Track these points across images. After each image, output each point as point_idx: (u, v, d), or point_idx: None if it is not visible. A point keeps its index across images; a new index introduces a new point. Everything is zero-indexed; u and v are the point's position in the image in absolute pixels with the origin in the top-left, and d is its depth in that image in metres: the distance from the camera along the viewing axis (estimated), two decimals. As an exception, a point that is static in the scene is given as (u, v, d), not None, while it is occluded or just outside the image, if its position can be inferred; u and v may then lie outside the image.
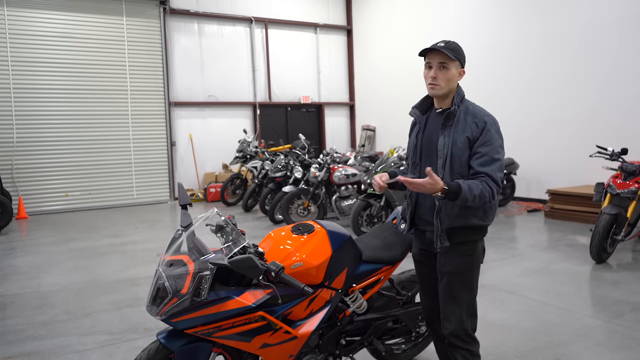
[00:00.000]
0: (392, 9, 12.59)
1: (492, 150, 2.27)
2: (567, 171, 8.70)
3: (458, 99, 2.39)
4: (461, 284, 2.36)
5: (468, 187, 2.18)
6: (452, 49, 2.33)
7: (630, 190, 5.35)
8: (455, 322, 2.36)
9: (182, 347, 2.16)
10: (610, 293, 4.46)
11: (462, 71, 2.39)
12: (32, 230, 8.37)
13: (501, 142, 2.34)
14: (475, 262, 2.39)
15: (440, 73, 2.34)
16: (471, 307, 2.40)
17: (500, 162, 2.28)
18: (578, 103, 8.51)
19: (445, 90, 2.36)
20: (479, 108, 2.40)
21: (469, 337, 2.38)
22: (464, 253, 2.35)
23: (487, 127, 2.30)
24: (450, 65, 2.33)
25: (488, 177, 2.23)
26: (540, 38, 9.04)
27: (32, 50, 10.03)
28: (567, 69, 8.64)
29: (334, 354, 2.65)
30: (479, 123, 2.31)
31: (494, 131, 2.31)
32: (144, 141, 11.25)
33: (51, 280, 5.37)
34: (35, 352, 3.56)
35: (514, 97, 9.62)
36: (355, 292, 2.65)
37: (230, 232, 2.31)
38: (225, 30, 12.29)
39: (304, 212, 7.75)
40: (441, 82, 2.34)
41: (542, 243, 6.40)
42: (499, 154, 2.29)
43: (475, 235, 2.37)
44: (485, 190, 2.21)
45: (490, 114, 2.37)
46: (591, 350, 3.35)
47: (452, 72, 2.34)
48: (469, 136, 2.30)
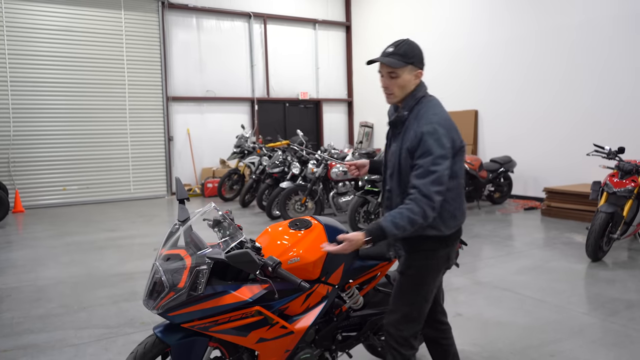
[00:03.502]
0: (391, 5, 12.58)
1: (428, 162, 2.10)
2: (564, 169, 8.73)
3: (411, 102, 2.26)
4: (408, 286, 2.30)
5: (391, 222, 2.07)
6: (401, 54, 2.20)
7: (626, 189, 5.37)
8: (392, 321, 2.31)
9: (179, 341, 2.16)
10: (606, 291, 4.49)
11: (418, 73, 2.25)
12: (29, 224, 8.36)
13: (443, 152, 2.11)
14: (429, 268, 2.28)
15: (390, 82, 2.24)
16: (413, 312, 2.29)
17: (437, 175, 2.09)
18: (575, 101, 8.52)
19: (400, 97, 2.27)
20: (429, 112, 2.21)
21: (403, 340, 2.29)
22: (418, 257, 2.28)
23: (423, 137, 2.13)
24: (399, 72, 2.21)
25: (419, 192, 2.08)
26: (537, 36, 9.05)
27: (29, 43, 9.99)
28: (564, 67, 8.65)
29: (330, 349, 2.66)
30: (417, 132, 2.16)
31: (432, 141, 2.11)
32: (141, 136, 11.23)
33: (48, 273, 5.37)
34: (31, 345, 3.56)
35: (511, 95, 9.63)
36: (352, 288, 2.65)
37: (228, 227, 2.31)
38: (223, 25, 12.26)
39: (301, 208, 7.75)
40: (394, 90, 2.25)
41: (539, 241, 6.43)
42: (438, 165, 2.09)
43: (433, 245, 2.26)
44: (414, 213, 2.07)
45: (434, 120, 2.16)
46: (586, 347, 3.37)
47: (403, 78, 2.22)
48: (409, 146, 2.18)
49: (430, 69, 11.43)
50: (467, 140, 10.49)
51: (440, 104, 2.31)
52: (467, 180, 8.56)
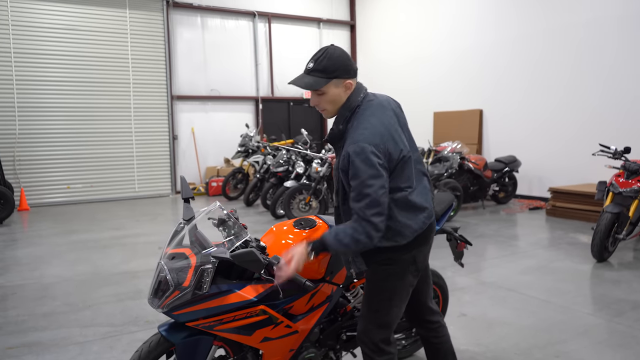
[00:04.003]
0: (395, 4, 12.55)
1: (359, 185, 1.98)
2: (569, 169, 8.69)
3: (346, 114, 2.13)
4: (372, 293, 2.23)
5: (334, 237, 2.01)
6: (321, 70, 2.06)
7: (632, 189, 5.34)
8: (362, 328, 2.25)
9: (183, 339, 2.16)
10: (611, 291, 4.46)
11: (347, 83, 2.11)
12: (33, 222, 8.39)
13: (372, 172, 1.98)
14: (390, 273, 2.19)
15: (318, 100, 2.13)
16: (380, 318, 2.22)
17: (371, 198, 1.97)
18: (581, 101, 8.48)
19: (334, 112, 2.16)
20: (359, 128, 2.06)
21: (374, 346, 2.22)
22: (381, 264, 2.21)
23: (351, 157, 2.00)
24: (325, 89, 2.09)
25: (358, 215, 1.99)
26: (543, 35, 9.01)
27: (34, 41, 10.03)
28: (570, 67, 8.61)
29: (334, 349, 2.66)
30: (344, 153, 2.04)
31: (359, 161, 1.98)
32: (146, 134, 11.26)
33: (53, 271, 5.39)
34: (36, 343, 3.57)
35: (516, 94, 9.60)
36: (357, 287, 2.65)
37: (233, 226, 2.31)
38: (228, 24, 12.26)
39: (306, 207, 7.75)
40: (325, 107, 2.14)
41: (543, 241, 6.40)
42: (369, 187, 1.97)
43: (394, 254, 2.18)
44: (358, 232, 1.98)
45: (360, 139, 2.01)
46: (591, 348, 3.35)
47: (331, 94, 2.10)
48: (342, 169, 2.07)
49: (435, 68, 11.42)
50: (471, 140, 10.47)
51: (380, 106, 2.16)
52: (472, 180, 8.54)
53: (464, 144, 8.95)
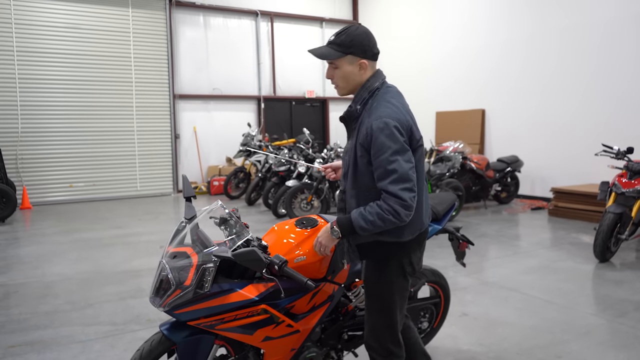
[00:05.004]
0: (398, 3, 12.53)
1: (383, 160, 1.96)
2: (572, 169, 8.67)
3: (364, 95, 2.12)
4: (372, 296, 2.22)
5: (360, 215, 1.99)
6: (338, 44, 2.07)
7: (635, 189, 5.33)
8: (368, 331, 2.26)
9: (185, 338, 2.16)
10: (614, 292, 4.45)
11: (362, 63, 2.09)
12: (36, 221, 8.41)
13: (397, 147, 1.95)
14: (389, 276, 2.17)
15: (333, 73, 2.14)
16: (385, 319, 2.21)
17: (398, 173, 1.94)
18: (583, 101, 8.46)
19: (349, 89, 2.15)
20: (380, 106, 2.05)
21: (383, 349, 2.22)
22: (376, 265, 2.19)
23: (374, 133, 1.98)
24: (339, 63, 2.10)
25: (386, 192, 1.96)
26: (558, 35, 8.98)
27: (37, 40, 10.04)
28: (572, 67, 8.58)
29: (335, 348, 2.65)
30: (367, 129, 2.01)
31: (384, 137, 1.96)
32: (148, 133, 11.27)
33: (55, 270, 5.39)
34: (38, 341, 3.58)
35: (519, 94, 9.58)
36: (358, 287, 2.65)
37: (234, 225, 2.31)
38: (230, 23, 12.26)
39: (307, 207, 7.75)
40: (338, 82, 2.14)
41: (546, 241, 6.39)
42: (394, 162, 1.94)
43: (391, 252, 2.14)
44: (384, 210, 1.95)
45: (384, 115, 2.00)
46: (594, 348, 3.34)
47: (344, 70, 2.10)
48: (362, 144, 2.04)
49: (438, 68, 11.40)
50: (473, 140, 10.45)
51: (398, 93, 2.15)
52: (474, 179, 8.53)
53: (466, 144, 8.94)
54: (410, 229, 2.11)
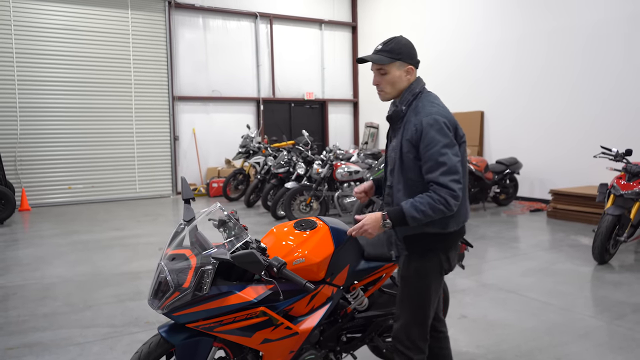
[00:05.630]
0: (397, 6, 12.56)
1: (434, 153, 2.09)
2: (571, 171, 8.68)
3: (409, 97, 2.25)
4: (410, 290, 2.28)
5: (411, 205, 2.08)
6: (388, 51, 2.22)
7: (634, 191, 5.33)
8: (400, 326, 2.31)
9: (183, 341, 2.16)
10: (612, 294, 4.45)
11: (409, 69, 2.25)
12: (34, 222, 8.40)
13: (447, 141, 2.10)
14: (428, 271, 2.26)
15: (381, 79, 2.26)
16: (418, 315, 2.28)
17: (448, 165, 2.07)
18: (583, 103, 8.47)
19: (394, 94, 2.28)
20: (427, 105, 2.20)
21: (412, 344, 2.29)
22: (417, 260, 2.26)
23: (424, 128, 2.11)
24: (388, 68, 2.23)
25: (435, 184, 2.08)
26: (546, 38, 9.00)
27: (36, 42, 10.05)
28: (573, 69, 8.60)
29: (334, 351, 2.65)
30: (417, 124, 2.14)
31: (434, 132, 2.10)
32: (147, 135, 11.27)
33: (53, 272, 5.39)
34: (36, 343, 3.57)
35: (517, 96, 9.59)
36: (357, 289, 2.64)
37: (233, 227, 2.31)
38: (230, 25, 12.28)
39: (306, 209, 7.75)
40: (385, 87, 2.26)
41: (544, 243, 6.39)
42: (444, 155, 2.08)
43: (435, 244, 2.24)
44: (435, 200, 2.06)
45: (433, 112, 2.15)
46: (592, 350, 3.34)
47: (393, 75, 2.24)
48: (410, 139, 2.16)
49: (436, 70, 11.41)
50: (472, 142, 10.46)
51: (437, 97, 2.29)
52: (473, 181, 8.53)
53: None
54: (456, 219, 2.22)
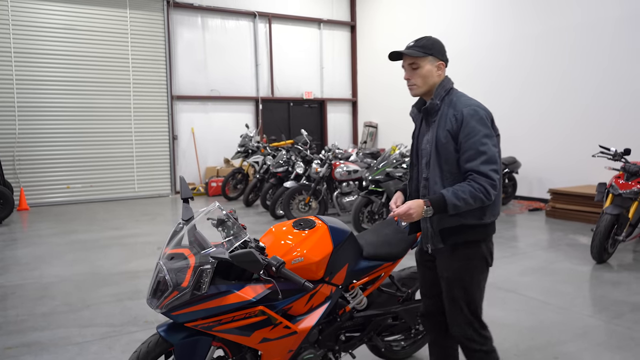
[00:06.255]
0: (396, 5, 12.55)
1: (475, 143, 2.14)
2: (569, 171, 8.69)
3: (442, 92, 2.29)
4: (461, 289, 2.29)
5: (452, 193, 2.10)
6: (420, 46, 2.26)
7: (632, 190, 5.34)
8: (463, 325, 2.31)
9: (182, 340, 2.16)
10: (611, 293, 4.46)
11: (440, 64, 2.30)
12: (33, 222, 8.39)
13: (487, 132, 2.17)
14: (476, 266, 2.29)
15: (412, 73, 2.30)
16: (475, 309, 2.32)
17: (488, 155, 2.13)
18: (581, 102, 8.48)
19: (424, 89, 2.32)
20: (463, 99, 2.26)
21: (480, 337, 2.31)
22: (461, 257, 2.27)
23: (465, 118, 2.17)
24: (421, 63, 2.27)
25: (475, 173, 2.13)
26: (541, 37, 9.01)
27: (35, 41, 10.03)
28: (568, 68, 8.60)
29: (333, 350, 2.65)
30: (457, 115, 2.20)
31: (474, 122, 2.16)
32: (146, 134, 11.26)
33: (52, 271, 5.38)
34: (35, 342, 3.57)
35: (515, 95, 9.60)
36: (356, 288, 2.65)
37: (232, 227, 2.31)
38: (228, 24, 12.27)
39: (305, 208, 7.75)
40: (416, 81, 2.30)
41: (543, 242, 6.40)
42: (485, 145, 2.14)
43: (473, 236, 2.26)
44: (475, 189, 2.10)
45: (472, 104, 2.22)
46: (590, 350, 3.35)
47: (425, 69, 2.28)
48: (449, 130, 2.20)
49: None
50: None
51: None
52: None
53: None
54: (492, 210, 2.25)
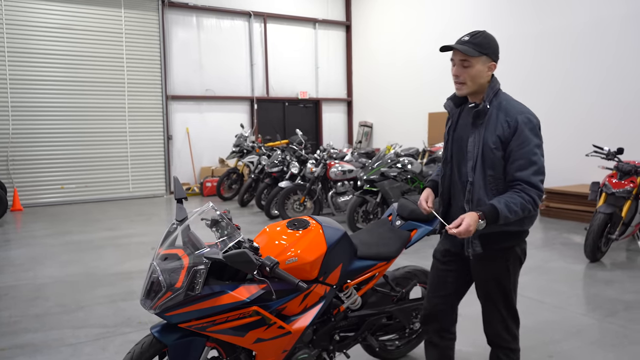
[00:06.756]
0: (391, 5, 12.56)
1: (527, 152, 2.10)
2: (563, 170, 8.72)
3: (491, 94, 2.22)
4: (499, 290, 2.30)
5: (505, 205, 2.07)
6: (476, 44, 2.16)
7: (625, 189, 5.37)
8: (500, 325, 2.33)
9: (176, 341, 2.16)
10: (604, 292, 4.48)
11: (492, 65, 2.22)
12: (27, 223, 8.34)
13: (538, 142, 2.14)
14: (512, 268, 2.29)
15: (462, 71, 2.20)
16: (514, 310, 2.34)
17: (538, 165, 2.11)
18: (575, 102, 8.52)
19: (472, 89, 2.23)
20: (513, 103, 2.21)
21: (510, 335, 2.33)
22: (500, 260, 2.26)
23: (519, 126, 2.11)
24: (473, 62, 2.17)
25: (525, 183, 2.10)
26: (538, 37, 9.04)
27: (29, 41, 9.97)
28: (564, 68, 8.64)
29: (327, 350, 2.65)
30: (510, 122, 2.13)
31: (528, 130, 2.11)
32: (140, 134, 11.22)
33: (46, 272, 5.36)
34: (28, 344, 3.55)
35: (511, 94, 9.60)
36: (350, 288, 2.65)
37: (226, 227, 2.31)
38: (223, 24, 12.24)
39: (300, 208, 7.75)
40: (465, 80, 2.20)
41: (537, 241, 6.42)
42: (536, 155, 2.11)
43: (512, 242, 2.26)
44: (526, 200, 2.08)
45: (525, 111, 2.17)
46: (584, 348, 3.36)
47: (476, 69, 2.18)
48: (500, 136, 2.13)
49: (430, 69, 11.43)
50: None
51: None
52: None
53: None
54: (532, 219, 2.25)
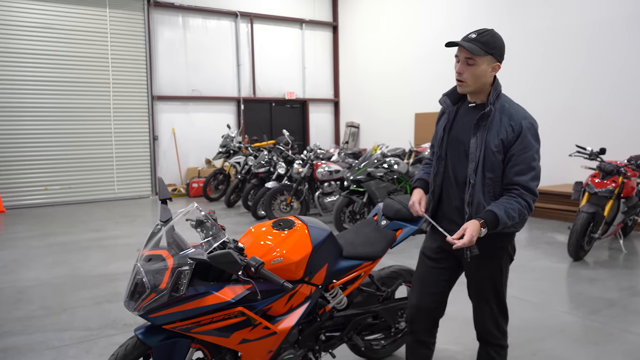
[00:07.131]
0: (378, 5, 12.61)
1: (528, 157, 2.14)
2: (547, 170, 8.79)
3: (494, 97, 2.20)
4: (492, 288, 2.35)
5: (505, 212, 2.10)
6: (483, 42, 2.12)
7: (607, 189, 5.45)
8: (491, 322, 2.38)
9: (160, 342, 2.14)
10: (587, 290, 4.55)
11: (496, 66, 2.18)
12: (10, 225, 8.22)
13: (538, 147, 2.19)
14: (505, 266, 2.36)
15: (466, 69, 2.16)
16: (503, 305, 2.39)
17: (536, 171, 2.17)
18: (556, 101, 8.63)
19: (473, 88, 2.21)
20: (516, 107, 2.22)
21: (501, 333, 2.40)
22: (493, 258, 2.31)
23: (523, 131, 2.14)
24: (478, 60, 2.13)
25: (523, 188, 2.14)
26: (525, 37, 9.14)
27: (12, 40, 9.82)
28: (552, 67, 8.74)
29: (313, 350, 2.66)
30: (515, 127, 2.15)
31: (530, 136, 2.15)
32: (125, 135, 11.12)
33: (29, 275, 5.28)
34: (11, 347, 3.50)
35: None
36: (336, 288, 2.65)
37: (210, 227, 2.30)
38: (210, 24, 12.19)
39: (287, 208, 7.74)
40: (468, 78, 2.18)
41: (522, 241, 6.49)
42: (535, 161, 2.17)
43: (505, 242, 2.32)
44: (522, 206, 2.13)
45: (527, 116, 2.19)
46: (567, 345, 3.41)
47: (481, 68, 2.15)
48: (504, 140, 2.15)
49: (416, 70, 11.49)
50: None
51: None
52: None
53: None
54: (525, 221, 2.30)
